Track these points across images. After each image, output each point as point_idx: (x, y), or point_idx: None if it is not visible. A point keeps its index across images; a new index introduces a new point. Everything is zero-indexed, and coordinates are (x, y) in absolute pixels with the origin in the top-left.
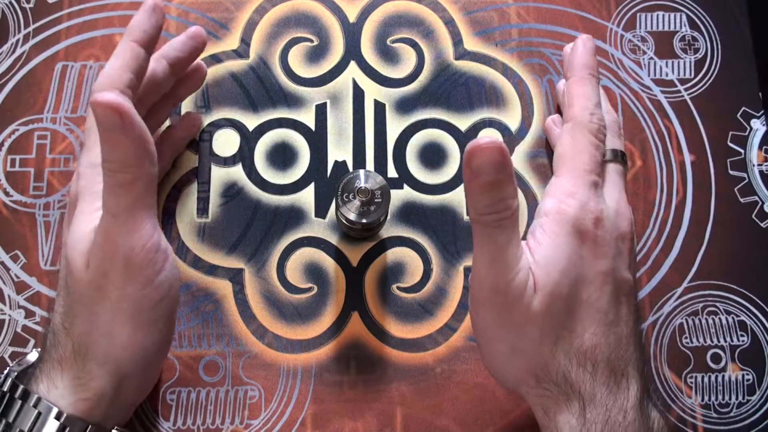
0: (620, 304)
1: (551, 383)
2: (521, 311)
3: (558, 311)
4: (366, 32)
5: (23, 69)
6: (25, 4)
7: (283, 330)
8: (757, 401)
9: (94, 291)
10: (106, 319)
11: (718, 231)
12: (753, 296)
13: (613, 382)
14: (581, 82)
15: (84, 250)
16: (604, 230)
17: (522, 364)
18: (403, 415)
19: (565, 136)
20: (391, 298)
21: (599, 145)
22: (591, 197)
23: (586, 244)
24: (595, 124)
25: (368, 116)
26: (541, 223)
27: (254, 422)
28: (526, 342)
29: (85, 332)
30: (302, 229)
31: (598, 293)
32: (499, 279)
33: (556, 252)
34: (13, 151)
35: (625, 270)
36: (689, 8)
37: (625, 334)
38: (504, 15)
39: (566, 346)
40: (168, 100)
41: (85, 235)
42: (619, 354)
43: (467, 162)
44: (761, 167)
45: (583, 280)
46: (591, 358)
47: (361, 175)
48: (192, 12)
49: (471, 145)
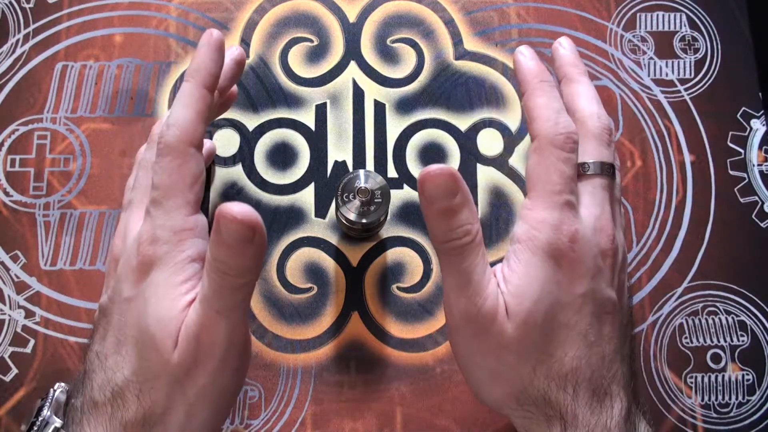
0: (602, 324)
1: (532, 405)
2: (495, 338)
3: (534, 338)
4: (366, 32)
5: (23, 69)
6: (25, 4)
7: (283, 330)
8: (757, 401)
9: (181, 373)
10: (188, 400)
11: (718, 231)
12: (753, 296)
13: (595, 402)
14: (534, 94)
15: (173, 330)
16: (581, 250)
17: (502, 388)
18: (403, 415)
19: (532, 155)
20: (391, 298)
21: (569, 158)
22: (564, 218)
23: (563, 268)
24: (561, 135)
25: (368, 116)
26: (515, 250)
27: (254, 422)
28: (503, 367)
29: (163, 406)
30: (302, 229)
31: (577, 316)
32: (469, 305)
33: (530, 281)
34: (13, 151)
35: (607, 288)
36: (689, 8)
37: (607, 352)
38: (504, 15)
39: (545, 370)
40: None
41: (175, 314)
42: (602, 373)
43: (420, 190)
44: (761, 167)
45: (560, 305)
46: (571, 381)
47: (361, 175)
48: (192, 12)
49: (422, 173)
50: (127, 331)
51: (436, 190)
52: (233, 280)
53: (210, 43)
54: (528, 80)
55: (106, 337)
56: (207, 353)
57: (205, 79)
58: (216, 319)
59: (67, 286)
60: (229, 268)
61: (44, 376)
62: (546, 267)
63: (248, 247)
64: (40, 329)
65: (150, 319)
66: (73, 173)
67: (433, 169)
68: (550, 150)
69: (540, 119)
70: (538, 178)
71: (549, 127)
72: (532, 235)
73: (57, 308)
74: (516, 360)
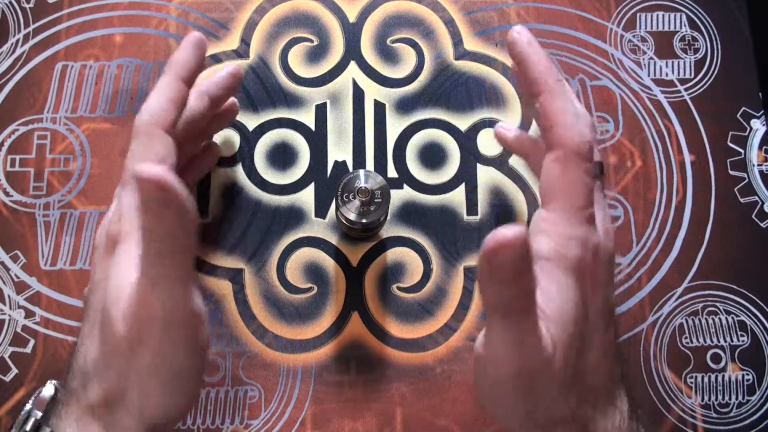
0: (609, 329)
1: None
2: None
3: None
4: (366, 32)
5: (23, 69)
6: (25, 4)
7: (283, 330)
8: (757, 401)
9: (129, 350)
10: (141, 379)
11: (718, 231)
12: (753, 296)
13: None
14: (553, 97)
15: (123, 303)
16: (600, 261)
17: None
18: (403, 415)
19: (554, 165)
20: (391, 298)
21: (590, 168)
22: (589, 233)
23: (587, 282)
24: (586, 146)
25: (368, 116)
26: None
27: (254, 422)
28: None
29: (120, 387)
30: (302, 229)
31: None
32: (524, 362)
33: (567, 303)
34: (13, 151)
35: (612, 293)
36: (689, 8)
37: (612, 354)
38: (504, 15)
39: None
40: (201, 135)
41: (126, 288)
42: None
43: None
44: (761, 167)
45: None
46: (593, 391)
47: (361, 175)
48: (192, 12)
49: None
50: (95, 314)
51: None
52: (158, 245)
53: (188, 39)
54: (543, 80)
55: (84, 326)
56: (147, 328)
57: (179, 71)
58: (150, 291)
59: (67, 286)
60: (151, 233)
61: (44, 376)
62: (576, 285)
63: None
64: (40, 329)
65: (109, 297)
66: (73, 173)
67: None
68: (575, 162)
69: (562, 126)
70: (562, 191)
71: (573, 136)
72: (561, 253)
73: (57, 308)
74: (557, 391)
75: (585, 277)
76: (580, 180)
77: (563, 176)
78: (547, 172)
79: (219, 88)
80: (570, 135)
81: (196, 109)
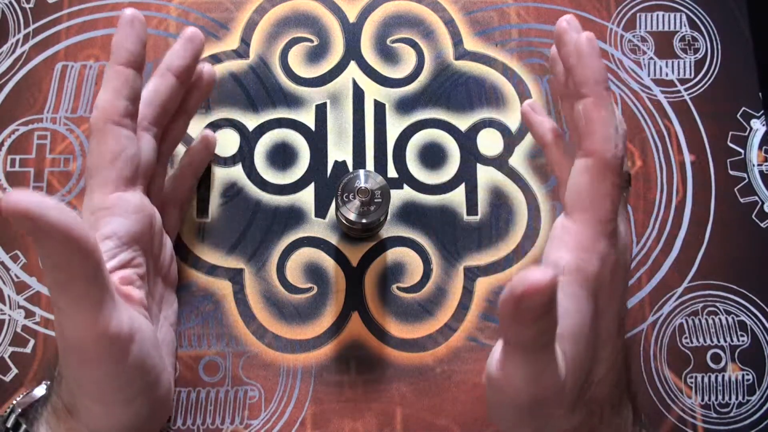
0: (618, 338)
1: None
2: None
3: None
4: (366, 32)
5: (23, 69)
6: (25, 4)
7: (283, 330)
8: (757, 401)
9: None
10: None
11: (718, 231)
12: (753, 296)
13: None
14: (601, 105)
15: None
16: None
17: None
18: (403, 415)
19: (584, 174)
20: (391, 298)
21: (619, 183)
22: (609, 249)
23: (602, 297)
24: (619, 160)
25: (368, 116)
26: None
27: (254, 422)
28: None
29: (70, 399)
30: (302, 229)
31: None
32: (541, 391)
33: (582, 321)
34: (13, 151)
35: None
36: (689, 8)
37: (620, 362)
38: (504, 15)
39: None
40: (181, 115)
41: None
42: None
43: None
44: (761, 167)
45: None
46: (599, 402)
47: (361, 175)
48: (192, 12)
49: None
50: None
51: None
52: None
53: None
54: (592, 85)
55: None
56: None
57: (118, 58)
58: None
59: None
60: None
61: (44, 377)
62: (591, 300)
63: (46, 241)
64: (40, 329)
65: None
66: (73, 173)
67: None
68: (607, 175)
69: (600, 137)
70: (590, 202)
71: (610, 149)
72: (581, 267)
73: None
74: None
75: (601, 291)
76: (608, 193)
77: (591, 188)
78: (575, 180)
79: (179, 57)
80: (607, 148)
81: (162, 87)
